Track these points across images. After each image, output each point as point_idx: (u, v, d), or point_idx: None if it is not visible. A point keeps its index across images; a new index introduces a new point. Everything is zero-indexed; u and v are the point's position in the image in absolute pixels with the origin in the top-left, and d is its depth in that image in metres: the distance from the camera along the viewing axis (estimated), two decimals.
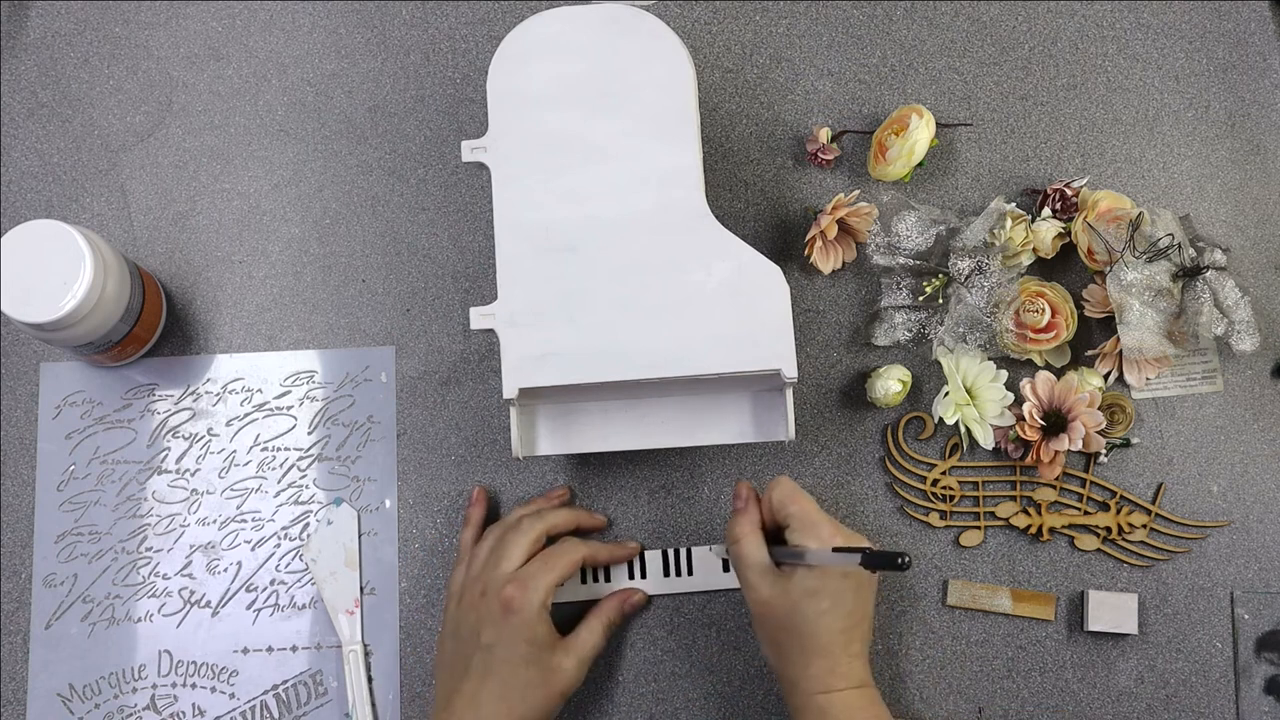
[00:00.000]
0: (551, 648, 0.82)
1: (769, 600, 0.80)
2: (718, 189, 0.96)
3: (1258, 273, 0.96)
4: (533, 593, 0.81)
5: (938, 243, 0.92)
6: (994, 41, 0.99)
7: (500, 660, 0.80)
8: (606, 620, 0.87)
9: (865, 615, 0.81)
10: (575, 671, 0.83)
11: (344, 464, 0.93)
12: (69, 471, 0.92)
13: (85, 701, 0.89)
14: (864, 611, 0.80)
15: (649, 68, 0.83)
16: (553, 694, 0.81)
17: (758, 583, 0.80)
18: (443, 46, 0.98)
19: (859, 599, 0.80)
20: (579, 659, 0.83)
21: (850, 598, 0.79)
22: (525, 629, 0.81)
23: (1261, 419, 0.94)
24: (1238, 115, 0.98)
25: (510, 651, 0.80)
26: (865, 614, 0.81)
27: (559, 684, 0.82)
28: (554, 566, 0.83)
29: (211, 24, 0.98)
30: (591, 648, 0.85)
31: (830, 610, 0.78)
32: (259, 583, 0.91)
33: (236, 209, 0.96)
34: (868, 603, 0.81)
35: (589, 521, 0.91)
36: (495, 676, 0.80)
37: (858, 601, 0.79)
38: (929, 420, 0.93)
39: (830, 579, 0.78)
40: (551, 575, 0.83)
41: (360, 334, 0.94)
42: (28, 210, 0.95)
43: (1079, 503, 0.93)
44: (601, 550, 0.89)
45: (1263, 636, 0.92)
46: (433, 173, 0.97)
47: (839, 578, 0.78)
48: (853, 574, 0.79)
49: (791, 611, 0.78)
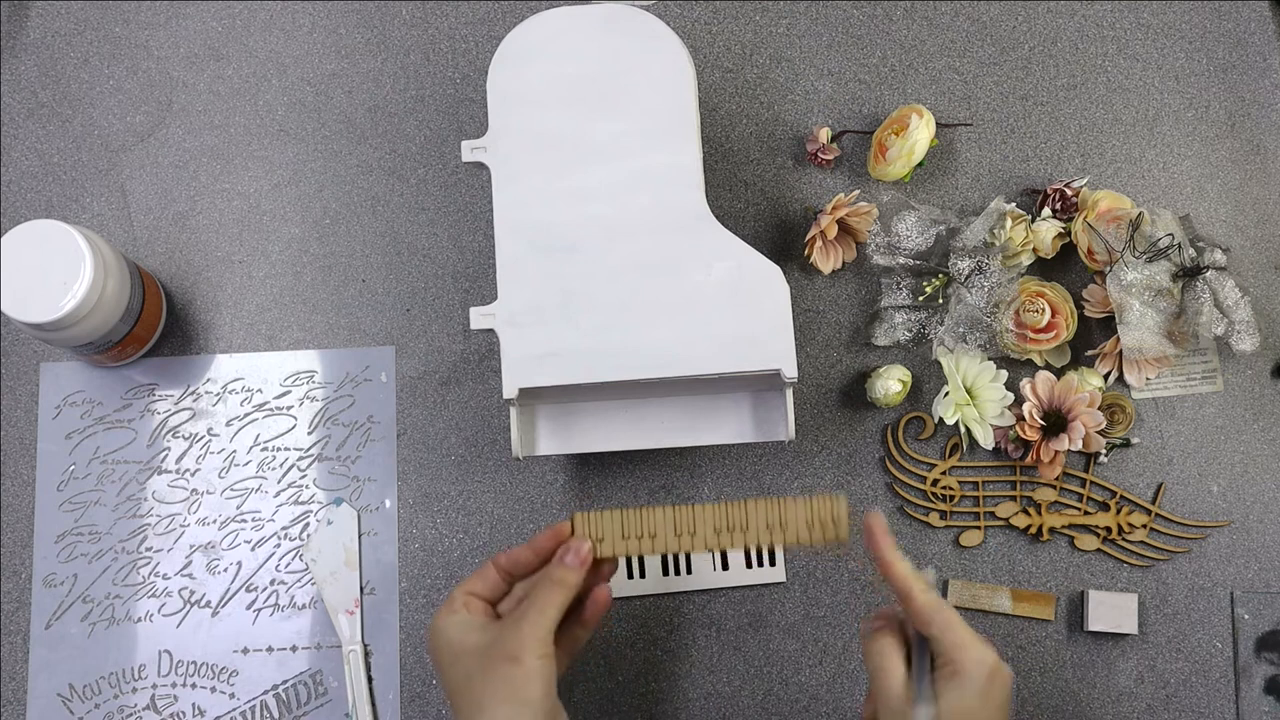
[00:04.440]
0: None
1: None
2: (718, 189, 0.96)
3: (1258, 273, 0.96)
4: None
5: (938, 243, 0.92)
6: (994, 41, 0.99)
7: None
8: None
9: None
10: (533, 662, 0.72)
11: (344, 464, 0.93)
12: (69, 471, 0.92)
13: (85, 701, 0.89)
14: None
15: (649, 68, 0.83)
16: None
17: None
18: (443, 46, 0.98)
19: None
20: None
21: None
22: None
23: (1261, 419, 0.94)
24: (1238, 115, 0.98)
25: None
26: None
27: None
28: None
29: (211, 24, 0.98)
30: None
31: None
32: (259, 583, 0.91)
33: (236, 209, 0.96)
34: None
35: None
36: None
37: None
38: (929, 420, 0.93)
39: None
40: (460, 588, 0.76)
41: (360, 334, 0.94)
42: (28, 210, 0.95)
43: (1079, 503, 0.93)
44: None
45: (1263, 636, 0.92)
46: (433, 173, 0.97)
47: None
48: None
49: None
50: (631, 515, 0.75)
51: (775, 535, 0.75)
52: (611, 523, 0.75)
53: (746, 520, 0.75)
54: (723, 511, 0.75)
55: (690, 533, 0.75)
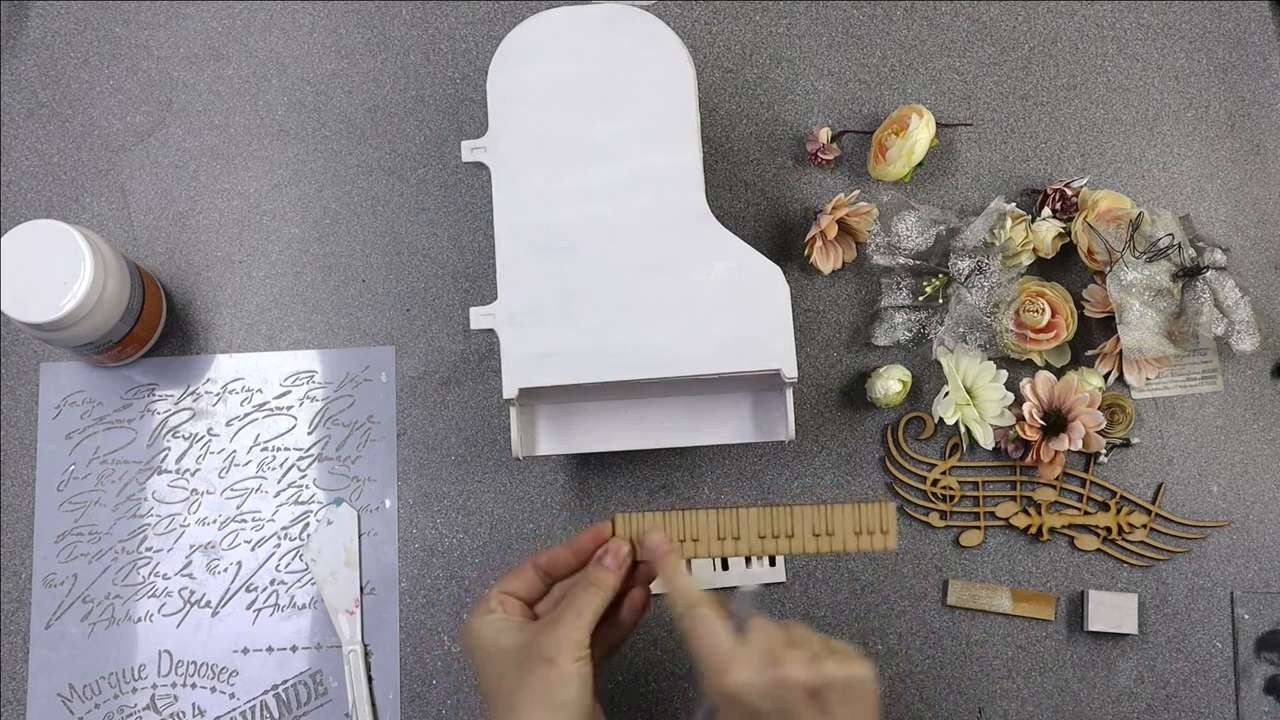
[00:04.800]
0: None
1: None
2: (718, 189, 0.96)
3: (1258, 273, 0.96)
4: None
5: (938, 243, 0.92)
6: (994, 41, 0.99)
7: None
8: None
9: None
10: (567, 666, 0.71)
11: (344, 464, 0.93)
12: (69, 471, 0.92)
13: (85, 701, 0.89)
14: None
15: (649, 68, 0.83)
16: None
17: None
18: (443, 46, 0.98)
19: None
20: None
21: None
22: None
23: (1261, 419, 0.94)
24: (1238, 115, 0.98)
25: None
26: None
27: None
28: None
29: (211, 24, 0.98)
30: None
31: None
32: (259, 583, 0.91)
33: (236, 209, 0.96)
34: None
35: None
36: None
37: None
38: (929, 420, 0.93)
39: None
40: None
41: (360, 334, 0.94)
42: (28, 210, 0.95)
43: (1079, 503, 0.93)
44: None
45: (1263, 636, 0.92)
46: (433, 173, 0.97)
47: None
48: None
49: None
50: (674, 518, 0.73)
51: (822, 543, 0.73)
52: (653, 525, 0.73)
53: (792, 526, 0.74)
54: (768, 516, 0.74)
55: (735, 537, 0.74)
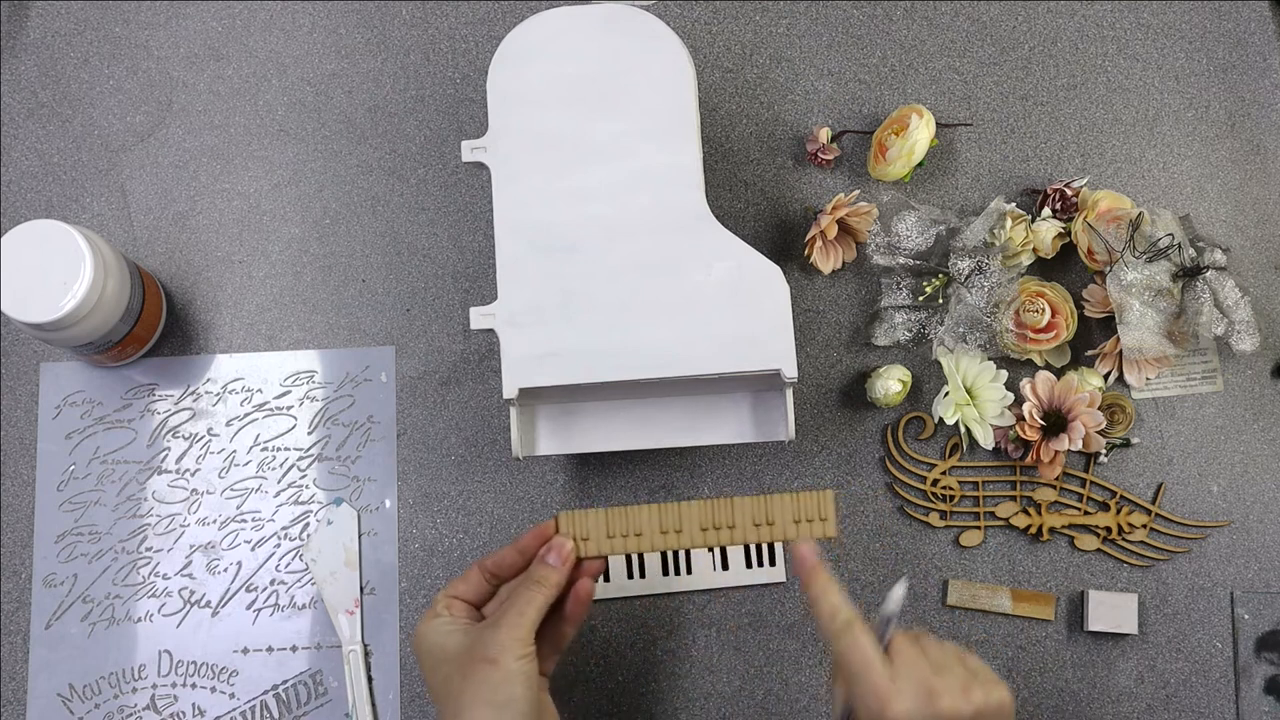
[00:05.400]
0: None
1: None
2: (718, 189, 0.96)
3: (1258, 273, 0.96)
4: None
5: (938, 243, 0.92)
6: (994, 41, 0.99)
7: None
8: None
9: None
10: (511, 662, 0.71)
11: (344, 464, 0.93)
12: (69, 471, 0.92)
13: (85, 701, 0.89)
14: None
15: (649, 68, 0.83)
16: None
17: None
18: (443, 46, 0.98)
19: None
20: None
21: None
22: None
23: (1261, 419, 0.94)
24: (1238, 115, 0.98)
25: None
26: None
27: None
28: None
29: (211, 24, 0.98)
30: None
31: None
32: (259, 583, 0.91)
33: (236, 209, 0.96)
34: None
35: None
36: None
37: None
38: (929, 420, 0.93)
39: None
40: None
41: (360, 334, 0.94)
42: (28, 210, 0.95)
43: (1079, 503, 0.93)
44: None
45: (1263, 636, 0.92)
46: (433, 173, 0.97)
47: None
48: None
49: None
50: (617, 514, 0.75)
51: (763, 532, 0.75)
52: (597, 521, 0.75)
53: (733, 517, 0.75)
54: (709, 509, 0.75)
55: (677, 530, 0.75)
